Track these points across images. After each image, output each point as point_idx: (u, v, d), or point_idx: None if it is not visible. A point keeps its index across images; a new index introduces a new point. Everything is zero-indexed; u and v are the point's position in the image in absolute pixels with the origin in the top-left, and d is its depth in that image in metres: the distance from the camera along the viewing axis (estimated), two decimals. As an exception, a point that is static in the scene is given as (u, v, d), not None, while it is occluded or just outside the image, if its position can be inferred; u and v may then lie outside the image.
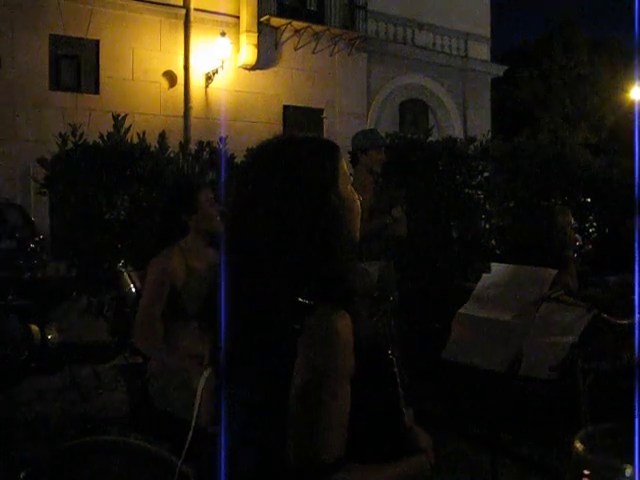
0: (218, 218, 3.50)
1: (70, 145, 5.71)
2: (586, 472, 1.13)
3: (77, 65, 16.23)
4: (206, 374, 1.73)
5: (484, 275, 3.58)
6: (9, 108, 15.00)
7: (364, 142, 5.31)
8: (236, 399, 1.59)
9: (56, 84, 15.87)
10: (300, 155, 1.61)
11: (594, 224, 7.54)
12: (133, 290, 5.20)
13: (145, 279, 3.45)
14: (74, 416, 5.36)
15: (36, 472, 2.29)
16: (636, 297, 3.40)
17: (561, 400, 2.68)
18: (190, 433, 1.76)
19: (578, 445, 1.13)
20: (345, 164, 1.68)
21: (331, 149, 1.67)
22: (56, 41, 15.81)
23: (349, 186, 1.65)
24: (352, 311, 1.51)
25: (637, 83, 20.39)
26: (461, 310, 3.36)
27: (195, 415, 1.76)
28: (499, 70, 23.72)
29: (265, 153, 1.66)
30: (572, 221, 5.75)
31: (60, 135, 5.76)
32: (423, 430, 1.67)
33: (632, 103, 24.63)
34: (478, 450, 2.72)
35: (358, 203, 1.66)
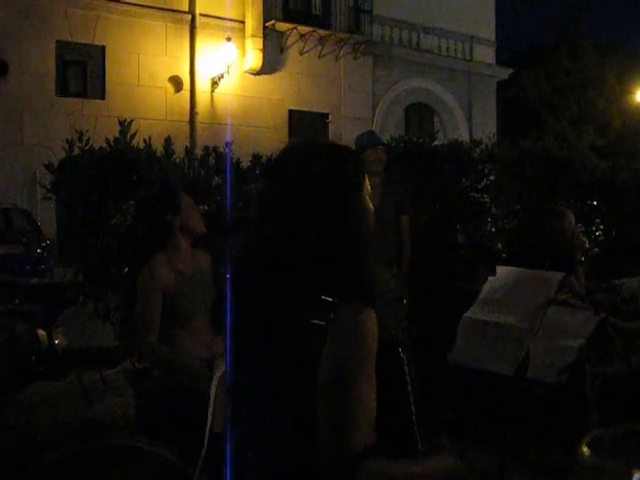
0: (200, 219, 3.57)
1: (76, 150, 5.72)
2: (593, 477, 1.13)
3: (83, 71, 16.31)
4: (217, 377, 1.74)
5: (490, 278, 3.58)
6: (16, 113, 15.08)
7: (360, 143, 5.37)
8: (251, 392, 1.61)
9: (63, 90, 15.94)
10: (336, 160, 1.67)
11: (601, 227, 7.52)
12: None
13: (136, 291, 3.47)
14: (81, 420, 5.37)
15: (41, 476, 2.30)
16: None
17: (568, 404, 2.67)
18: (206, 438, 1.77)
19: (585, 449, 1.13)
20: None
21: (358, 157, 1.74)
22: (63, 47, 15.89)
23: (367, 193, 1.70)
24: (375, 308, 1.55)
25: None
26: (467, 314, 3.35)
27: (210, 419, 1.78)
28: (504, 73, 23.71)
29: (300, 156, 1.70)
30: (573, 223, 5.73)
31: (66, 140, 5.78)
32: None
33: (638, 106, 24.57)
34: (486, 454, 2.71)
35: (372, 209, 1.71)
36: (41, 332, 5.83)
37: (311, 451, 1.49)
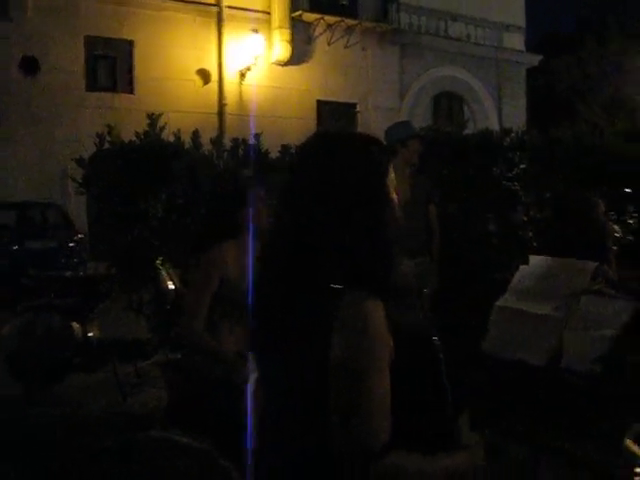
0: (266, 216, 3.49)
1: (107, 145, 5.78)
2: (638, 470, 1.12)
3: (112, 65, 16.45)
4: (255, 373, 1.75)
5: (521, 267, 3.55)
6: (48, 109, 15.25)
7: (402, 133, 5.29)
8: (275, 375, 1.62)
9: (93, 85, 16.09)
10: (358, 149, 1.67)
11: (634, 215, 7.40)
12: (172, 288, 5.25)
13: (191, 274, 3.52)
14: (116, 412, 5.44)
15: (78, 470, 2.33)
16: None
17: (604, 395, 2.64)
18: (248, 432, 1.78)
19: (629, 443, 1.11)
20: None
21: (383, 146, 1.74)
22: (92, 42, 16.04)
23: (390, 182, 1.69)
24: (387, 300, 1.54)
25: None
26: (499, 303, 3.33)
27: (249, 415, 1.79)
28: (534, 60, 23.42)
29: (322, 146, 1.70)
30: (603, 211, 5.65)
31: (96, 135, 5.84)
32: (472, 431, 1.68)
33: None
34: (519, 446, 2.69)
35: (395, 198, 1.70)
36: (76, 325, 5.92)
37: (333, 435, 1.49)
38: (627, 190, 7.26)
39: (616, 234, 6.54)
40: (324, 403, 1.49)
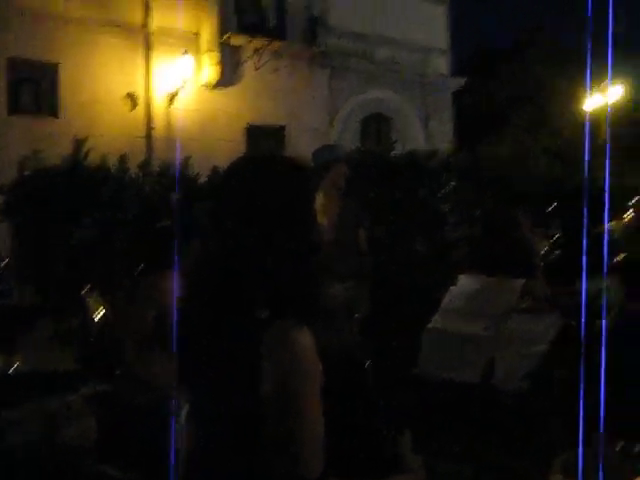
0: None
1: (30, 171, 5.65)
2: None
3: (36, 88, 16.04)
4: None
5: (451, 288, 3.59)
6: (-32, 134, 14.79)
7: (328, 157, 5.30)
8: (200, 410, 1.60)
9: (15, 108, 15.67)
10: (283, 173, 1.66)
11: (560, 229, 7.60)
12: (99, 317, 5.12)
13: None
14: (45, 447, 5.25)
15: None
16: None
17: (534, 411, 2.68)
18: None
19: (557, 475, 1.12)
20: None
21: (309, 170, 1.77)
22: (14, 64, 15.63)
23: (318, 206, 1.70)
24: (313, 324, 1.52)
25: (588, 94, 20.60)
26: (430, 324, 3.35)
27: (177, 445, 1.76)
28: (458, 83, 23.93)
29: (247, 169, 1.70)
30: (530, 228, 5.78)
31: (19, 162, 5.70)
32: (412, 453, 1.68)
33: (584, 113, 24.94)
34: (459, 466, 2.70)
35: (325, 222, 1.72)
36: (-2, 357, 5.71)
37: (262, 462, 1.46)
38: (552, 206, 7.48)
39: (545, 248, 6.70)
40: (253, 430, 1.47)
